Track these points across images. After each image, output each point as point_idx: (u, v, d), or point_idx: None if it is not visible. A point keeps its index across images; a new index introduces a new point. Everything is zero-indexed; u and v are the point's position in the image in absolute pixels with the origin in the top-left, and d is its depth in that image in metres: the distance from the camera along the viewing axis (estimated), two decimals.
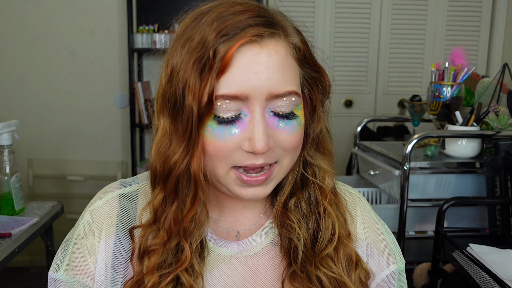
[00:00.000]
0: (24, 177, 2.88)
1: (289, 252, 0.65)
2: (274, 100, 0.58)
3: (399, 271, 0.71)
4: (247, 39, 0.55)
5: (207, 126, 0.56)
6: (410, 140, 1.51)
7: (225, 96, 0.55)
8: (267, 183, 0.60)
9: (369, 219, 0.73)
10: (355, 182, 1.93)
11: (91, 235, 0.65)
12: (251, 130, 0.56)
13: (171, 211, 0.60)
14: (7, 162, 1.55)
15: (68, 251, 0.66)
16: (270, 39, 0.57)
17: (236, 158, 0.57)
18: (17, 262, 2.16)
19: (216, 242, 0.66)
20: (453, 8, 3.05)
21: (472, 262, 1.18)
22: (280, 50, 0.58)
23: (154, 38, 2.78)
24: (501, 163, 1.48)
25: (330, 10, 3.03)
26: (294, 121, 0.59)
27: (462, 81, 1.72)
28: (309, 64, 0.63)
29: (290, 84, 0.58)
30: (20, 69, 2.93)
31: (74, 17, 2.90)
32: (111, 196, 0.68)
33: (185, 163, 0.57)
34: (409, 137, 1.55)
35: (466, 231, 1.60)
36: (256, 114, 0.56)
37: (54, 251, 1.78)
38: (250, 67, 0.55)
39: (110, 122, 3.02)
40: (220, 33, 0.55)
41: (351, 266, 0.65)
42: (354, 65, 3.08)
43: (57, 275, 0.65)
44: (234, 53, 0.55)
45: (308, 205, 0.66)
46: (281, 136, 0.58)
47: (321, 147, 0.67)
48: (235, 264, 0.65)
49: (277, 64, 0.57)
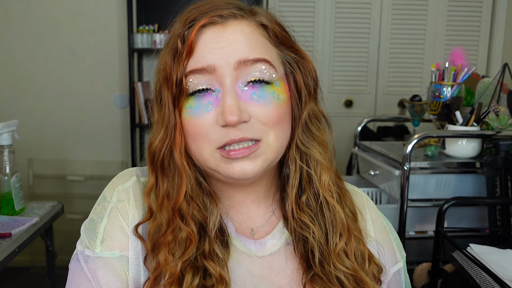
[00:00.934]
0: (24, 177, 2.88)
1: (305, 252, 0.65)
2: (244, 70, 0.59)
3: (403, 266, 0.74)
4: (207, 19, 0.60)
5: (186, 108, 0.60)
6: (410, 140, 1.51)
7: (193, 71, 0.59)
8: (254, 157, 0.60)
9: (376, 219, 0.75)
10: (355, 182, 1.93)
11: (125, 211, 0.64)
12: (223, 104, 0.58)
13: (163, 195, 0.62)
14: (7, 162, 1.55)
15: (100, 229, 0.63)
16: (233, 20, 0.61)
17: (215, 137, 0.59)
18: (17, 262, 2.16)
19: (238, 238, 0.67)
20: (453, 8, 3.05)
21: (472, 262, 1.17)
22: (246, 28, 0.61)
23: (154, 38, 2.78)
24: (501, 163, 1.48)
25: (330, 10, 3.02)
26: (268, 94, 0.60)
27: (462, 81, 1.72)
28: (284, 45, 0.64)
29: (258, 52, 0.60)
30: (20, 69, 2.93)
31: (74, 17, 2.90)
32: (136, 180, 0.68)
33: (166, 146, 0.61)
34: (409, 137, 1.55)
35: (466, 231, 1.60)
36: (226, 87, 0.59)
37: (54, 251, 1.78)
38: (215, 44, 0.59)
39: (110, 122, 3.02)
40: (186, 21, 0.61)
41: (365, 261, 0.66)
42: (354, 65, 3.08)
43: (95, 254, 0.61)
44: (198, 35, 0.60)
45: (315, 201, 0.67)
46: (256, 109, 0.59)
47: (314, 135, 0.67)
48: (255, 262, 0.66)
49: (242, 39, 0.60)
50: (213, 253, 0.61)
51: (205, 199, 0.64)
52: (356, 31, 3.05)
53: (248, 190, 0.68)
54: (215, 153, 0.60)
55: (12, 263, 1.48)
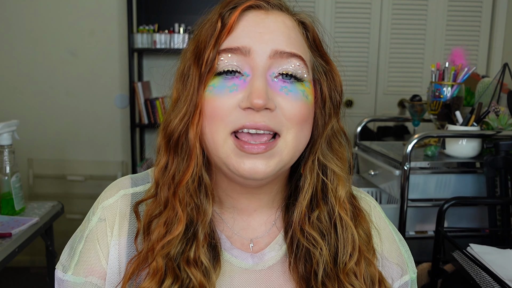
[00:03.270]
0: (24, 177, 2.88)
1: (306, 270, 0.62)
2: (279, 61, 0.58)
3: (411, 281, 0.70)
4: (253, 2, 0.59)
5: (209, 86, 0.58)
6: (410, 140, 1.51)
7: (227, 49, 0.57)
8: (269, 156, 0.57)
9: (384, 228, 0.71)
10: (355, 182, 1.92)
11: (103, 233, 0.63)
12: (250, 86, 0.56)
13: (169, 176, 0.60)
14: (7, 162, 1.55)
15: (77, 250, 0.64)
16: (277, 10, 0.61)
17: (233, 119, 0.56)
18: (17, 262, 2.16)
19: (231, 252, 0.64)
20: (453, 8, 3.05)
21: (472, 262, 1.17)
22: (287, 21, 0.60)
23: (154, 38, 2.78)
24: (501, 163, 1.48)
25: (330, 10, 3.03)
26: (299, 91, 0.58)
27: (462, 81, 1.72)
28: (318, 51, 0.64)
29: (296, 48, 0.59)
30: (20, 69, 2.93)
31: (74, 17, 2.90)
32: (123, 194, 0.66)
33: (184, 124, 0.58)
34: (409, 137, 1.55)
35: (466, 231, 1.60)
36: (257, 72, 0.57)
37: (54, 251, 1.78)
38: (255, 27, 0.58)
39: (110, 122, 3.02)
40: (229, 4, 0.59)
41: (374, 284, 0.63)
42: (354, 65, 3.08)
43: (66, 276, 0.63)
44: (240, 17, 0.58)
45: (329, 217, 0.63)
46: (283, 101, 0.57)
47: (335, 149, 0.65)
48: (250, 278, 0.63)
49: (283, 30, 0.59)
50: (198, 260, 0.58)
51: (202, 197, 0.61)
52: (356, 31, 3.05)
53: (254, 195, 0.65)
54: (228, 139, 0.56)
55: (12, 263, 1.48)
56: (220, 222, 0.66)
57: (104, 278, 0.63)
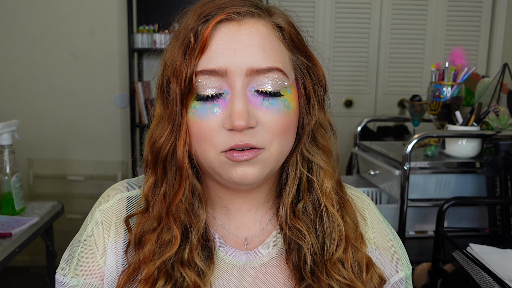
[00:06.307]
0: (24, 177, 2.88)
1: (299, 260, 0.63)
2: (256, 77, 0.58)
3: (406, 277, 0.71)
4: (223, 16, 0.57)
5: (191, 107, 0.58)
6: (410, 140, 1.51)
7: (204, 71, 0.57)
8: (255, 162, 0.58)
9: (377, 225, 0.72)
10: (355, 182, 1.93)
11: (101, 236, 0.65)
12: (231, 107, 0.57)
13: (160, 194, 0.61)
14: (7, 162, 1.55)
15: (76, 253, 0.65)
16: (250, 18, 0.59)
17: (220, 141, 0.57)
18: (17, 262, 2.16)
19: (225, 250, 0.65)
20: (453, 8, 3.05)
21: (472, 262, 1.18)
22: (262, 28, 0.59)
23: (154, 38, 2.78)
24: (501, 163, 1.48)
25: (330, 10, 3.03)
26: (280, 102, 0.58)
27: (462, 81, 1.72)
28: (298, 49, 0.63)
29: (272, 60, 0.58)
30: (20, 69, 2.93)
31: (74, 17, 2.90)
32: (119, 197, 0.68)
33: (171, 144, 0.59)
34: (409, 137, 1.55)
35: (466, 231, 1.60)
36: (236, 91, 0.57)
37: (54, 251, 1.78)
38: (228, 43, 0.57)
39: (110, 122, 3.02)
40: (200, 16, 0.58)
41: (362, 270, 0.64)
42: (354, 65, 3.08)
43: (65, 279, 0.65)
44: (213, 32, 0.57)
45: (314, 209, 0.65)
46: (264, 116, 0.58)
47: (319, 143, 0.65)
48: (244, 275, 0.64)
49: (258, 41, 0.58)
50: (192, 262, 0.60)
51: (194, 202, 0.62)
52: (356, 31, 3.05)
53: (247, 196, 0.66)
54: (219, 156, 0.58)
55: (12, 263, 1.48)
56: (214, 223, 0.67)
57: (103, 279, 0.64)
